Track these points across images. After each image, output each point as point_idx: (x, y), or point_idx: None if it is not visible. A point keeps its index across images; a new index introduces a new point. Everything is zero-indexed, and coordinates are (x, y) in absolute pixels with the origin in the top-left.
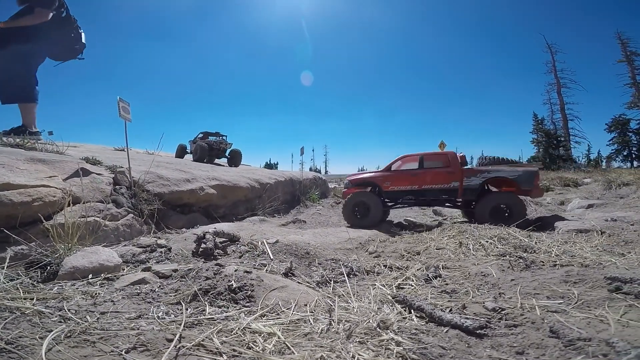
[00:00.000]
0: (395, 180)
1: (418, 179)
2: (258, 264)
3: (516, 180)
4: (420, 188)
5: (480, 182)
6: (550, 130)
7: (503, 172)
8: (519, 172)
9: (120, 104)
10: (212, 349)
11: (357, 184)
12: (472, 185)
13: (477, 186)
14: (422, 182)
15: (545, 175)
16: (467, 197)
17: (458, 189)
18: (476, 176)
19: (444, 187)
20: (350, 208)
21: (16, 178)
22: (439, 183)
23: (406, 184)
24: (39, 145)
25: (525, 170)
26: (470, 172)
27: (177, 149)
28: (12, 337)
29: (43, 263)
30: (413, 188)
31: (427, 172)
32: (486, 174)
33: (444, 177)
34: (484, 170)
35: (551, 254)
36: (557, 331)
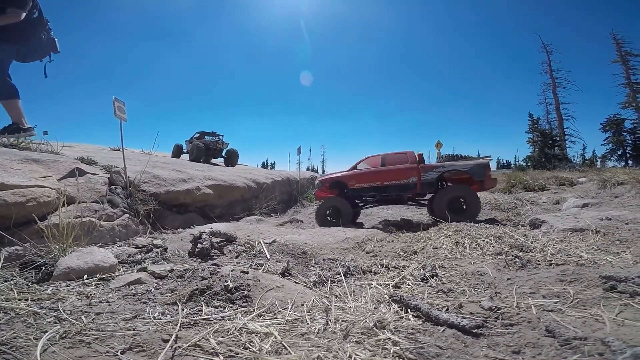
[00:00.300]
0: (360, 178)
1: (380, 176)
2: (255, 264)
3: (469, 173)
4: (382, 184)
5: (437, 175)
6: (545, 129)
7: (456, 166)
8: (470, 165)
9: (116, 104)
10: (209, 350)
11: (329, 184)
12: (429, 179)
13: (433, 180)
14: (384, 179)
15: (540, 175)
16: (425, 190)
17: (417, 183)
18: (432, 171)
19: (404, 182)
20: (324, 213)
21: (10, 178)
22: (399, 179)
23: (370, 181)
24: (33, 145)
25: (477, 163)
26: (427, 167)
27: (173, 149)
28: (7, 338)
29: (38, 264)
30: (376, 184)
31: (388, 169)
32: (441, 168)
33: (403, 173)
34: (439, 165)
35: (547, 253)
36: (553, 330)
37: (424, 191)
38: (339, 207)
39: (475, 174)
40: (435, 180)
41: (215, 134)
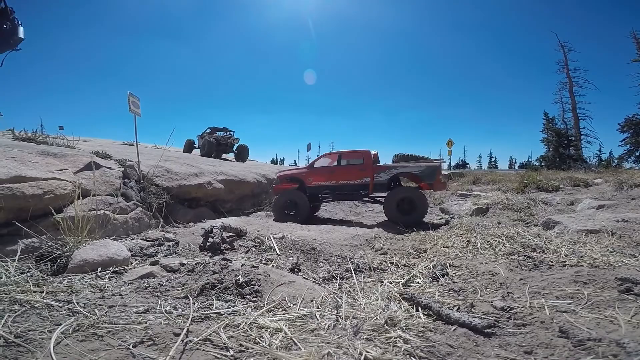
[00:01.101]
0: (316, 176)
1: (335, 175)
2: (265, 259)
3: (419, 175)
4: (337, 183)
5: (389, 177)
6: (561, 129)
7: (408, 168)
8: (422, 167)
9: (131, 99)
10: (219, 344)
11: (285, 179)
12: (381, 181)
13: (385, 181)
14: (339, 178)
15: (555, 175)
16: (377, 191)
17: (369, 184)
18: (385, 172)
19: (357, 182)
20: (281, 206)
21: (28, 171)
22: (352, 179)
23: (325, 179)
24: (50, 139)
25: (428, 165)
26: (380, 168)
27: (185, 144)
28: (22, 331)
29: (53, 256)
30: (331, 183)
31: (342, 168)
32: (394, 170)
33: (357, 174)
34: (392, 166)
35: (560, 254)
36: (566, 331)
37: (375, 192)
38: (296, 201)
39: (425, 177)
40: (387, 181)
41: (226, 130)
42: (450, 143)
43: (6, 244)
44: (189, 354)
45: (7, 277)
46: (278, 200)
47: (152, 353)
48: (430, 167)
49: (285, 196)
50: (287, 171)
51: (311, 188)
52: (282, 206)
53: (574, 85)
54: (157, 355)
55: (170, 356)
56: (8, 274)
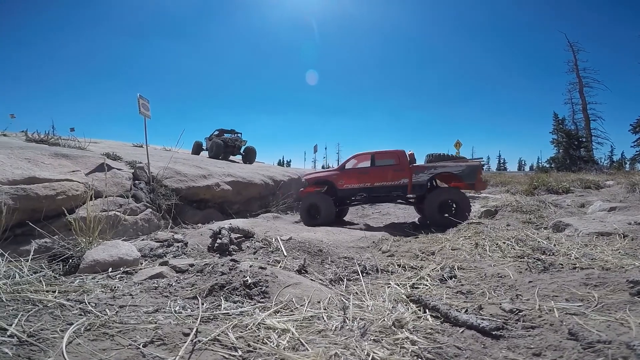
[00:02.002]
0: (349, 178)
1: (370, 176)
2: (272, 260)
3: (460, 175)
4: (373, 185)
5: (428, 177)
6: (571, 130)
7: (448, 168)
8: (462, 167)
9: (140, 101)
10: (228, 344)
11: (314, 182)
12: (420, 181)
13: (425, 182)
14: (374, 180)
15: (565, 177)
16: (416, 192)
17: (407, 185)
18: (424, 172)
19: (394, 184)
20: (306, 209)
21: (41, 172)
22: (389, 180)
23: (359, 182)
24: (62, 140)
25: (468, 165)
26: (419, 168)
27: (194, 146)
28: (34, 330)
29: (65, 256)
30: (365, 185)
31: (378, 169)
32: (433, 170)
33: (394, 175)
34: (431, 166)
35: (571, 257)
36: (576, 333)
37: (414, 193)
38: (318, 205)
39: (466, 177)
40: (426, 182)
41: (234, 132)
42: (458, 144)
43: (20, 244)
44: (198, 354)
45: (20, 276)
46: (303, 204)
47: (162, 353)
48: (471, 167)
49: (308, 199)
50: (315, 174)
51: (343, 191)
52: (307, 210)
53: (584, 86)
54: (167, 355)
55: (180, 356)
56: (21, 274)
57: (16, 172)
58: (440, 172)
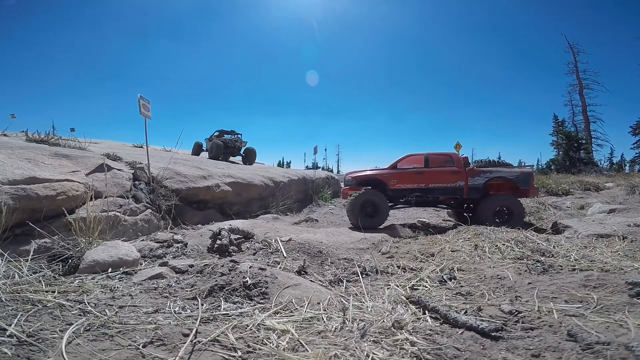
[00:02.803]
0: (402, 178)
1: (425, 177)
2: (272, 261)
3: (515, 181)
4: (427, 187)
5: (484, 181)
6: (571, 132)
7: (504, 173)
8: (517, 173)
9: (141, 102)
10: (227, 345)
11: (361, 181)
12: (476, 185)
13: (481, 185)
14: (429, 181)
15: (564, 179)
16: (472, 196)
17: (463, 187)
18: (480, 176)
19: (450, 186)
20: (358, 207)
21: (41, 172)
22: (445, 182)
23: (413, 182)
24: (62, 141)
25: (523, 171)
26: (474, 172)
27: (194, 147)
28: (34, 330)
29: (65, 256)
30: (420, 186)
31: (433, 171)
32: (489, 174)
33: (450, 177)
34: (486, 170)
35: (570, 259)
36: (575, 335)
37: (470, 196)
38: (378, 203)
39: (520, 182)
40: (482, 186)
41: (234, 133)
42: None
43: (20, 244)
44: (197, 355)
45: (20, 276)
46: (355, 200)
47: (162, 353)
48: (525, 173)
49: (363, 196)
50: (362, 172)
51: (395, 191)
52: (361, 207)
53: (584, 88)
54: (167, 355)
55: (179, 357)
56: (21, 274)
57: (16, 172)
58: (495, 177)
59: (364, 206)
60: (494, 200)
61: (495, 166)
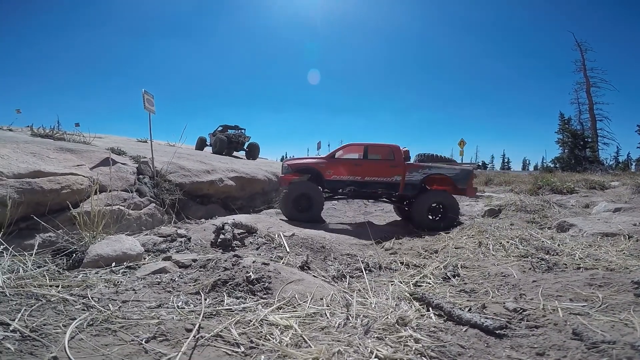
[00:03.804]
0: (339, 169)
1: (362, 169)
2: (275, 256)
3: (453, 179)
4: (363, 179)
5: (422, 177)
6: (577, 130)
7: (443, 170)
8: (456, 170)
9: (145, 97)
10: (230, 340)
11: (297, 169)
12: (413, 181)
13: (418, 182)
14: (366, 174)
15: (570, 177)
16: (407, 192)
17: (400, 183)
18: (418, 171)
19: (386, 180)
20: (290, 200)
21: (46, 166)
22: (381, 175)
23: (349, 174)
24: (67, 135)
25: (463, 169)
26: (413, 167)
27: (197, 142)
28: (37, 325)
29: (69, 250)
30: (356, 179)
31: (370, 163)
32: (427, 170)
33: (387, 170)
34: (425, 166)
35: (575, 257)
36: (580, 333)
37: (406, 192)
38: (311, 195)
39: (459, 181)
40: (419, 182)
41: (237, 128)
42: (462, 143)
43: (24, 238)
44: (200, 350)
45: (24, 271)
46: (289, 193)
47: (164, 348)
48: (465, 171)
49: (297, 189)
50: (299, 160)
51: (330, 182)
52: (294, 200)
53: (592, 86)
54: (169, 350)
55: (182, 352)
56: (25, 268)
57: (21, 165)
58: (434, 173)
59: (297, 199)
60: (429, 196)
61: (437, 162)
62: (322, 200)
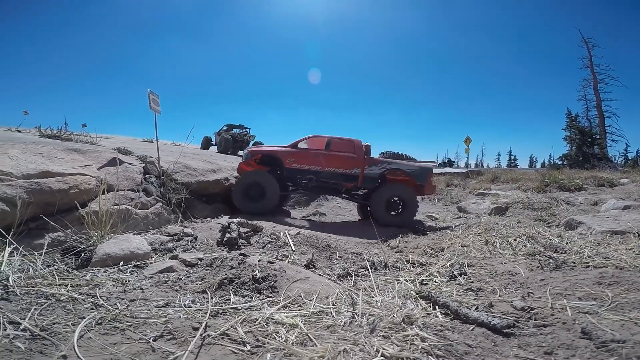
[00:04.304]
0: (299, 158)
1: (322, 160)
2: (280, 255)
3: (411, 175)
4: (323, 169)
5: (380, 172)
6: (584, 127)
7: (401, 165)
8: (415, 167)
9: (151, 97)
10: (237, 339)
11: (257, 156)
12: (372, 174)
13: (376, 176)
14: (326, 164)
15: (577, 174)
16: (366, 185)
17: (359, 176)
18: (377, 166)
19: (346, 172)
20: (242, 189)
21: (55, 166)
22: (341, 167)
23: (310, 164)
24: (74, 136)
25: (421, 166)
26: (372, 161)
27: (203, 141)
28: (47, 324)
29: (78, 250)
30: (316, 169)
31: (331, 154)
32: (386, 165)
33: (347, 162)
34: (385, 161)
35: (583, 255)
36: (589, 332)
37: (364, 185)
38: (264, 185)
39: (417, 177)
40: (378, 176)
41: (242, 127)
42: (468, 140)
43: (34, 237)
44: (207, 348)
45: (34, 270)
46: (238, 182)
47: (172, 347)
48: (424, 169)
49: (249, 177)
50: (261, 147)
51: (290, 171)
52: (245, 190)
53: (599, 82)
54: (176, 349)
55: (189, 350)
56: (35, 267)
57: (30, 166)
58: (392, 169)
59: (248, 189)
60: (387, 189)
61: (399, 159)
62: (275, 189)
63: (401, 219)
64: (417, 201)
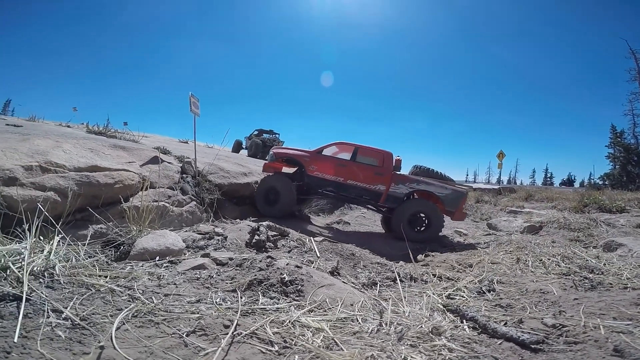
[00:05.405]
0: (323, 166)
1: (345, 171)
2: (305, 260)
3: (442, 199)
4: (345, 182)
5: (407, 192)
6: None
7: (432, 187)
8: (448, 191)
9: (192, 100)
10: (265, 339)
11: (282, 158)
12: (397, 194)
13: (402, 195)
14: (348, 176)
15: (620, 195)
16: (389, 204)
17: (382, 193)
18: (405, 185)
19: (369, 187)
20: (263, 193)
21: (102, 162)
22: (364, 182)
23: (332, 173)
24: (118, 134)
25: (454, 190)
26: (400, 178)
27: (234, 144)
28: (87, 314)
29: (117, 242)
30: (338, 180)
31: (356, 166)
32: (415, 185)
33: (372, 177)
34: (414, 180)
35: (622, 277)
36: (621, 350)
37: (387, 204)
38: (279, 190)
39: (447, 203)
40: (404, 196)
41: (272, 132)
42: (501, 155)
43: (78, 228)
44: (236, 346)
45: (77, 260)
46: (259, 186)
47: (203, 343)
48: (457, 193)
49: (268, 182)
50: (287, 149)
51: (312, 178)
52: (265, 193)
53: None
54: (208, 345)
55: (221, 348)
56: (78, 257)
57: (81, 160)
58: (422, 189)
59: (267, 193)
60: (410, 205)
61: (434, 177)
62: (291, 194)
63: (424, 236)
64: (442, 217)
